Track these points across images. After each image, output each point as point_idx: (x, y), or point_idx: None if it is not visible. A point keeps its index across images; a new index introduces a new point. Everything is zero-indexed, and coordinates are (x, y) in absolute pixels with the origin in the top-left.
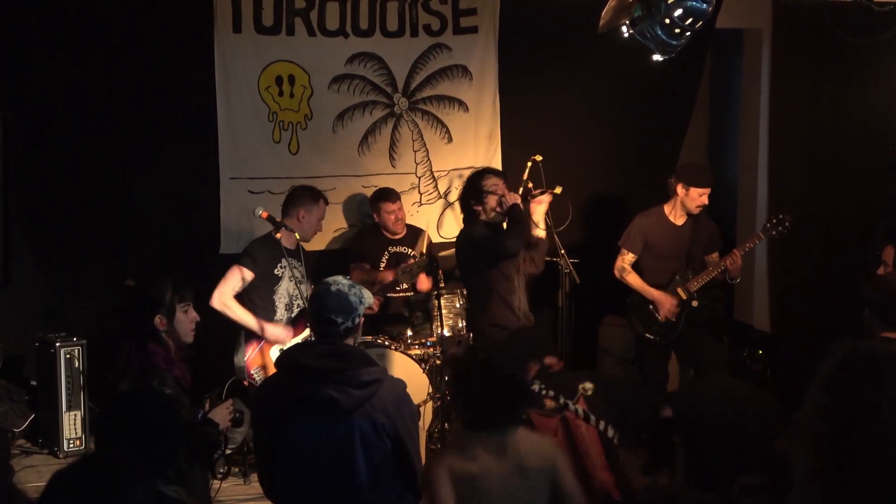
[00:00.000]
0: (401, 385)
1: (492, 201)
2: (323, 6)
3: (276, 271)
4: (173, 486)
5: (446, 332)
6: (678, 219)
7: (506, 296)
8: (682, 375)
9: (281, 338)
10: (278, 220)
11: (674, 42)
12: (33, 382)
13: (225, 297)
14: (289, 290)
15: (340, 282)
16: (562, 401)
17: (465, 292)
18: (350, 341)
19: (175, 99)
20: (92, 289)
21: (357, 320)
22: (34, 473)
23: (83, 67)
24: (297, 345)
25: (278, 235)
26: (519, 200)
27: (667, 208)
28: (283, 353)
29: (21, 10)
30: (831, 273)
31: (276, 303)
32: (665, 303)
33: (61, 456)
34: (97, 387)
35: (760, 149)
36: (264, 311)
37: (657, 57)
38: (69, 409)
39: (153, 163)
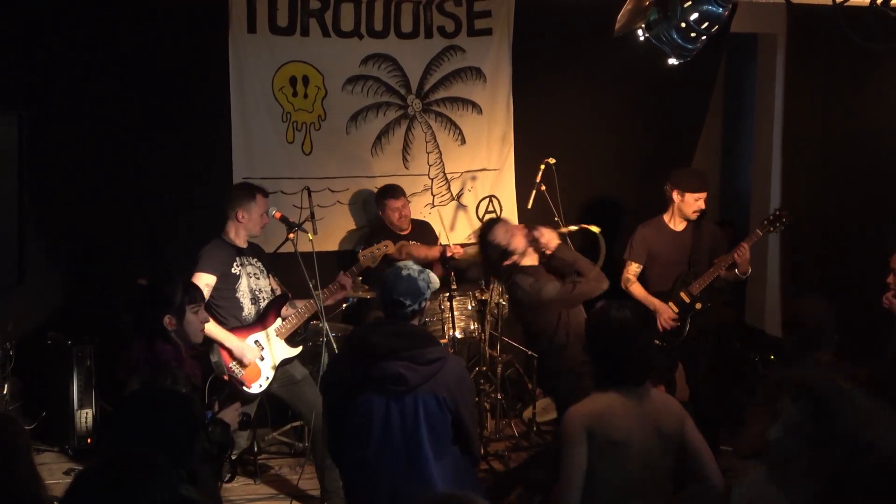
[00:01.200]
0: (461, 363)
1: (521, 247)
2: (338, 7)
3: (233, 270)
4: (185, 485)
5: (458, 335)
6: (678, 225)
7: (580, 331)
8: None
9: (238, 347)
10: (291, 219)
11: (689, 46)
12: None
13: None
14: (250, 286)
15: (411, 267)
16: None
17: (476, 294)
18: (415, 322)
19: (189, 99)
20: (105, 288)
21: (423, 303)
22: (45, 471)
23: (98, 67)
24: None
25: (291, 235)
26: (557, 238)
27: (666, 216)
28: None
29: (36, 10)
30: (843, 278)
31: (241, 300)
32: (662, 312)
33: (72, 454)
34: (107, 384)
35: (774, 153)
36: (232, 309)
37: (672, 61)
38: (80, 407)
39: (167, 162)
